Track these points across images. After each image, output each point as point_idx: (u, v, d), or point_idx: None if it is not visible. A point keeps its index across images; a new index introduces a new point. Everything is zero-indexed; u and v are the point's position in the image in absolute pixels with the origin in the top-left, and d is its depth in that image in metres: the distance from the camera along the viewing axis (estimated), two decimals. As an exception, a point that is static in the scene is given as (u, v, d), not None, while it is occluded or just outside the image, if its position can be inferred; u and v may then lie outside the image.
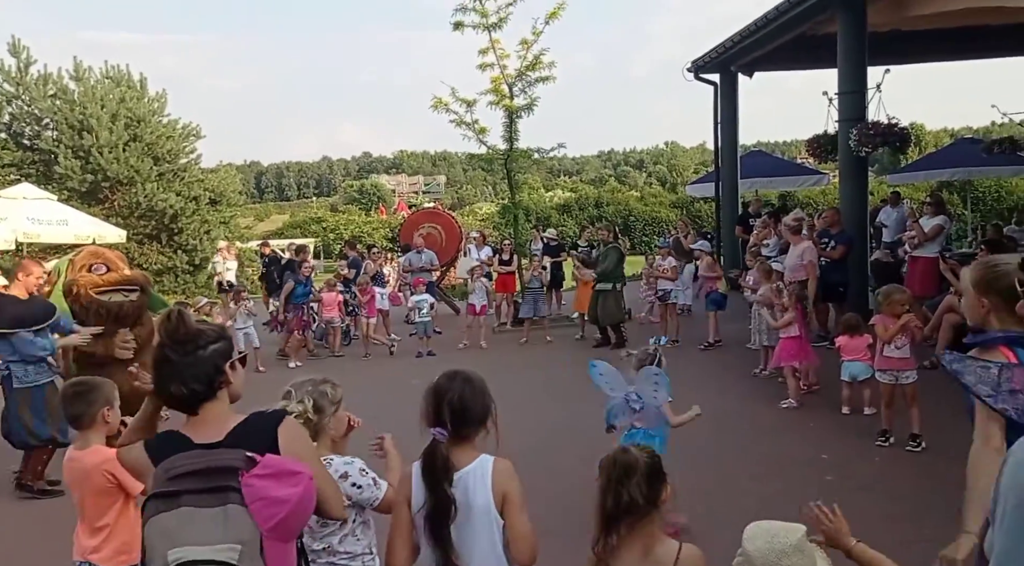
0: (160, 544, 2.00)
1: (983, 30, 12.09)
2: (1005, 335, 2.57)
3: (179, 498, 2.03)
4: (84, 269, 6.84)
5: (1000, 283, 2.61)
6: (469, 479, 2.51)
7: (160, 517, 2.02)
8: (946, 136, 57.82)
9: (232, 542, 1.99)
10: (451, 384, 2.58)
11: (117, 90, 22.66)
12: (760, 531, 2.27)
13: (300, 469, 2.14)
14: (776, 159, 23.08)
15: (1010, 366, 2.47)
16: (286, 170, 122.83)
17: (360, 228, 33.30)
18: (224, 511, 2.00)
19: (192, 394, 2.21)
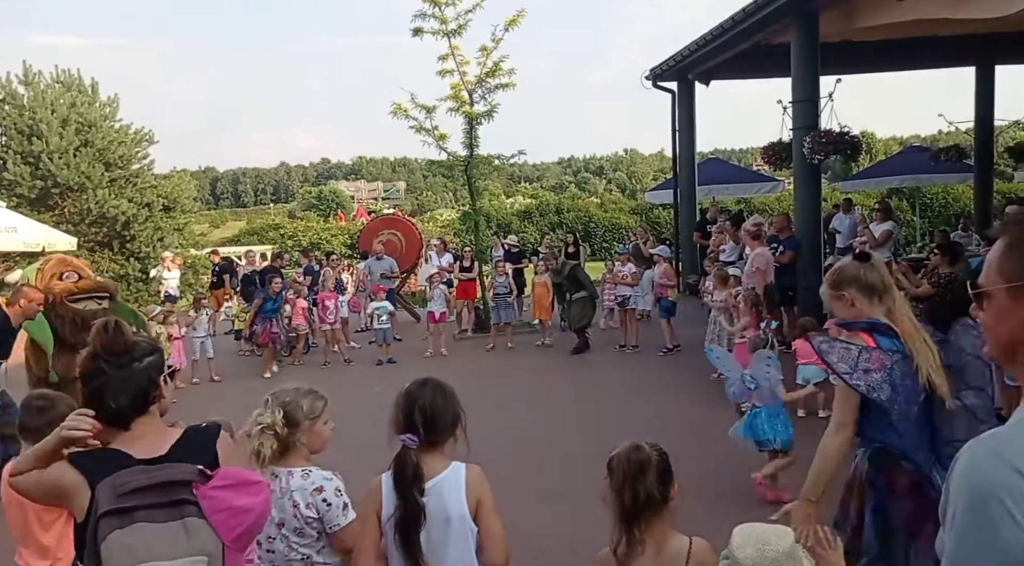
0: (123, 561, 1.95)
1: (930, 41, 12.44)
2: (868, 322, 2.90)
3: (133, 514, 1.98)
4: (55, 277, 6.68)
5: (846, 274, 2.98)
6: (443, 487, 2.51)
7: (117, 534, 1.97)
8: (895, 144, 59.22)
9: (197, 554, 1.97)
10: (422, 391, 2.57)
11: (68, 95, 22.19)
12: (749, 538, 2.25)
13: (258, 479, 2.15)
14: (733, 166, 23.46)
15: (868, 349, 2.79)
16: (242, 176, 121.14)
17: (319, 235, 32.92)
18: (183, 524, 1.98)
19: (128, 408, 2.15)
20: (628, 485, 2.43)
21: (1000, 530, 1.18)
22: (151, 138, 23.99)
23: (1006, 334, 1.35)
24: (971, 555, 1.21)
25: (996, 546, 1.18)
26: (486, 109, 13.63)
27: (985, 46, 13.63)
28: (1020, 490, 1.18)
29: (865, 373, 2.77)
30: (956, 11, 8.36)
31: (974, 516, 1.21)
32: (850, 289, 2.96)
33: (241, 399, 9.61)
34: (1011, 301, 1.32)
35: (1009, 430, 1.30)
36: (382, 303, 11.88)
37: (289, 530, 2.70)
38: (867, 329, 2.88)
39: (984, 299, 1.38)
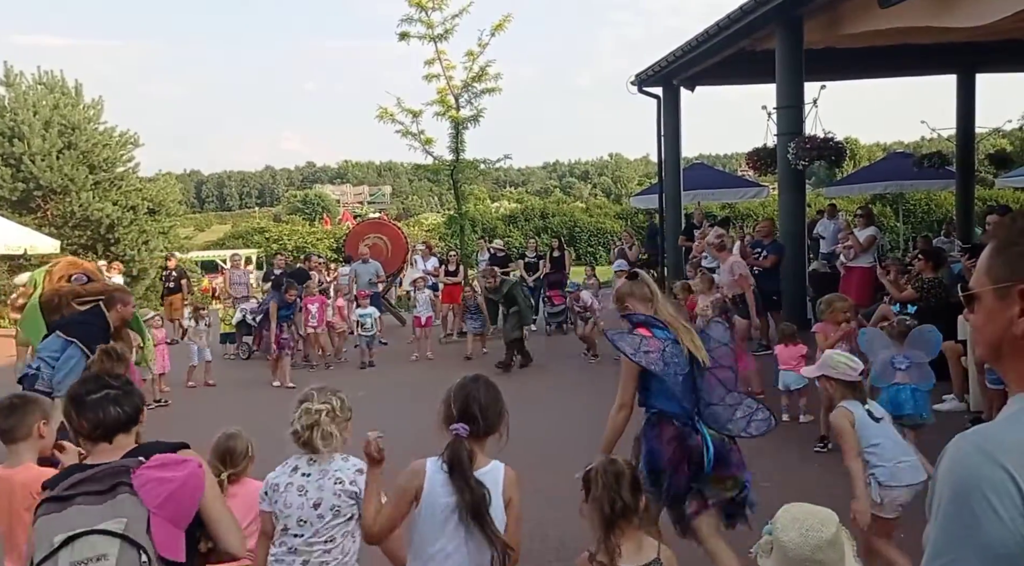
0: (46, 533, 2.11)
1: (913, 49, 12.56)
2: (644, 318, 3.92)
3: (72, 500, 2.15)
4: (63, 279, 6.64)
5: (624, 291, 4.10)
6: (485, 480, 2.66)
7: (50, 516, 2.15)
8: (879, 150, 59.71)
9: (116, 516, 2.12)
10: (475, 385, 2.78)
11: (51, 96, 22.01)
12: (793, 522, 2.32)
13: (188, 459, 2.33)
14: (718, 172, 23.55)
15: (647, 338, 3.79)
16: (228, 179, 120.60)
17: (304, 239, 32.84)
18: (113, 502, 2.15)
19: (117, 424, 2.37)
20: (607, 494, 2.69)
21: (983, 523, 1.19)
22: (136, 141, 23.85)
23: (994, 334, 1.38)
24: (954, 548, 1.22)
25: (978, 539, 1.20)
26: (472, 113, 13.66)
27: (966, 54, 13.77)
28: (1003, 484, 1.20)
29: (645, 353, 3.71)
30: (939, 19, 8.45)
31: (957, 509, 1.23)
32: (630, 300, 4.02)
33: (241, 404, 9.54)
34: (998, 302, 1.36)
35: (995, 426, 1.32)
36: (367, 310, 11.76)
37: (325, 509, 2.86)
38: (643, 324, 3.87)
39: (974, 302, 1.41)
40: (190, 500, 2.28)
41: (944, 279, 7.87)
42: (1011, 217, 1.57)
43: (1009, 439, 1.25)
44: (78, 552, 2.07)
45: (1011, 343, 1.35)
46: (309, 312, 11.78)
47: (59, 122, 21.50)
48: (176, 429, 4.78)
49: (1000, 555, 1.19)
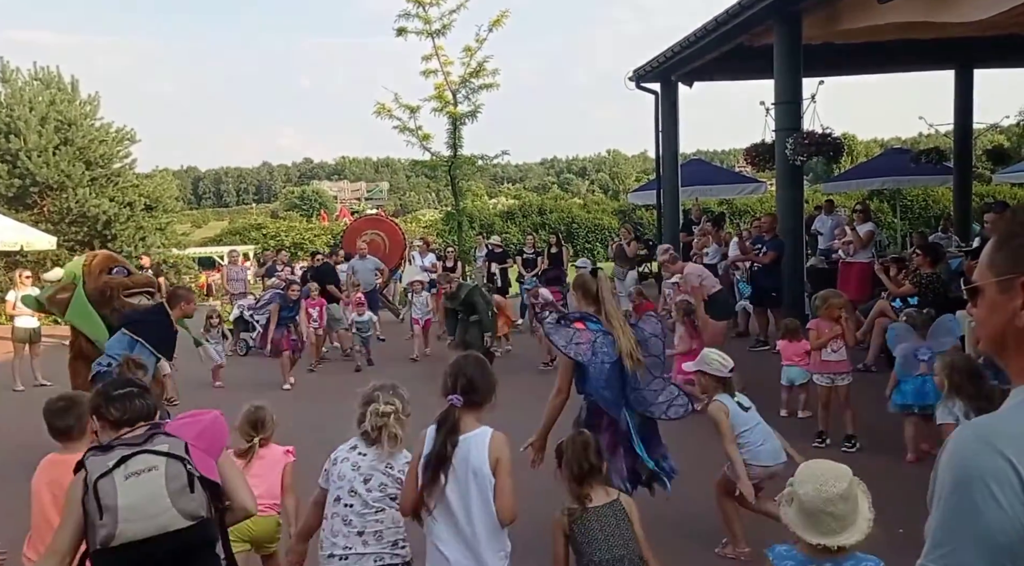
0: (94, 467, 2.41)
1: (911, 44, 12.55)
2: (580, 314, 4.41)
3: (114, 448, 2.48)
4: (104, 272, 6.70)
5: (581, 282, 4.54)
6: (472, 442, 3.02)
7: (97, 456, 2.46)
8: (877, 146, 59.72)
9: (162, 443, 2.49)
10: (466, 362, 3.18)
11: (47, 92, 21.92)
12: (810, 476, 2.58)
13: (209, 411, 2.77)
14: (716, 168, 23.59)
15: (580, 331, 4.23)
16: (225, 176, 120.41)
17: (301, 235, 32.77)
18: (151, 443, 2.49)
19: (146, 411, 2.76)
20: (576, 459, 3.43)
21: (983, 512, 1.20)
22: (133, 137, 23.76)
23: (997, 326, 1.39)
24: (954, 537, 1.23)
25: (979, 528, 1.20)
26: (470, 109, 13.63)
27: (964, 49, 13.77)
28: (1004, 473, 1.20)
29: (576, 345, 4.18)
30: (936, 15, 8.45)
31: (958, 498, 1.23)
32: (577, 292, 4.56)
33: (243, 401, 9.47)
34: (1001, 294, 1.37)
35: (996, 416, 1.33)
36: (363, 318, 11.59)
37: (374, 485, 3.26)
38: (580, 319, 4.36)
39: (977, 295, 1.42)
40: (219, 436, 2.71)
41: (942, 274, 7.89)
42: (1012, 211, 1.58)
43: (1010, 429, 1.26)
44: (131, 466, 2.41)
45: (1014, 335, 1.36)
46: (311, 316, 11.59)
47: (55, 118, 21.41)
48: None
49: (1001, 543, 1.19)
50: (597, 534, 3.32)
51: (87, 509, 2.37)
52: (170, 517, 2.37)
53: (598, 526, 3.33)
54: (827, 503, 2.48)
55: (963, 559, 1.21)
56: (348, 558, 3.19)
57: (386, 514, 3.24)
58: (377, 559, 3.20)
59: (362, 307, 11.80)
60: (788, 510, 2.58)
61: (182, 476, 2.42)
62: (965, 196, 16.81)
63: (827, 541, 2.48)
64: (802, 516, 2.51)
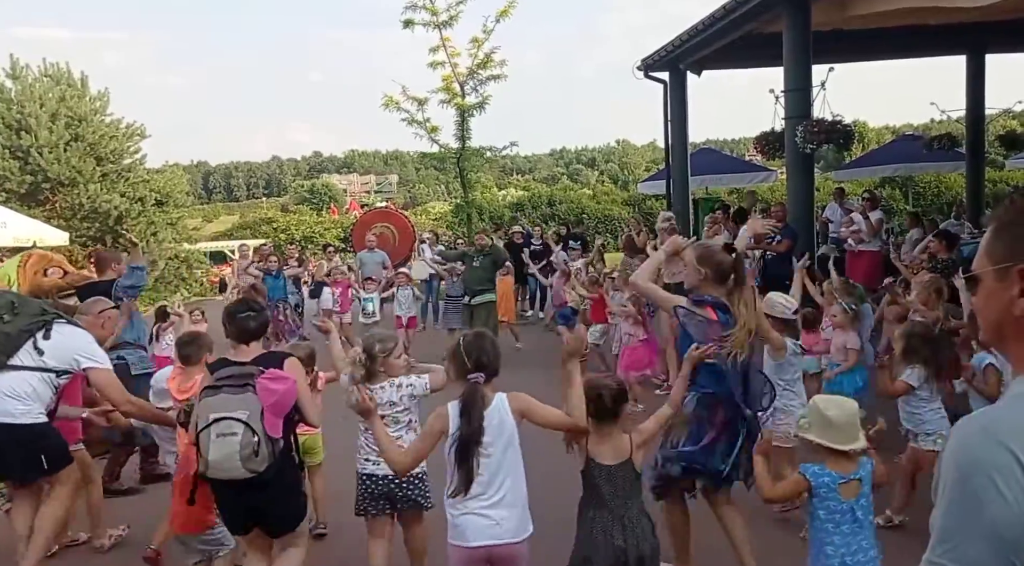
0: (204, 411, 3.63)
1: (922, 30, 12.44)
2: (713, 299, 3.88)
3: (220, 390, 3.66)
4: (39, 274, 6.68)
5: (713, 258, 3.97)
6: (497, 411, 3.22)
7: (207, 399, 3.66)
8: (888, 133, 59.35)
9: (243, 409, 3.57)
10: (483, 341, 3.32)
11: (57, 88, 22.00)
12: (831, 402, 3.33)
13: (288, 376, 3.73)
14: (725, 156, 23.45)
15: (710, 322, 3.83)
16: (235, 170, 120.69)
17: (312, 228, 32.86)
18: (244, 396, 3.60)
19: (252, 333, 3.88)
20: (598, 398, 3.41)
21: (987, 505, 1.19)
22: (143, 132, 23.83)
23: (994, 315, 1.38)
24: (959, 530, 1.22)
25: (983, 521, 1.19)
26: (478, 101, 13.60)
27: (976, 34, 13.64)
28: (1008, 466, 1.19)
29: (710, 341, 3.82)
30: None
31: (962, 491, 1.22)
32: (702, 268, 3.97)
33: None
34: (998, 283, 1.36)
35: (999, 408, 1.32)
36: (369, 295, 11.41)
37: (388, 419, 3.95)
38: (712, 305, 3.90)
39: (975, 284, 1.42)
40: (287, 403, 3.70)
41: (955, 260, 7.86)
42: (1011, 198, 1.57)
43: (1014, 421, 1.25)
44: (222, 426, 3.55)
45: (1012, 324, 1.35)
46: (334, 295, 11.52)
47: (66, 114, 21.50)
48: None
49: (1006, 537, 1.18)
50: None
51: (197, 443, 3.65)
52: (239, 472, 3.56)
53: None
54: (852, 416, 3.25)
55: (969, 554, 1.20)
56: (379, 463, 3.94)
57: (404, 440, 3.91)
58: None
59: (371, 285, 11.49)
60: (812, 433, 3.25)
61: (251, 444, 3.53)
62: (977, 182, 16.67)
63: (853, 446, 3.22)
64: (832, 431, 3.21)
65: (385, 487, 4.11)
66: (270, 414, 3.57)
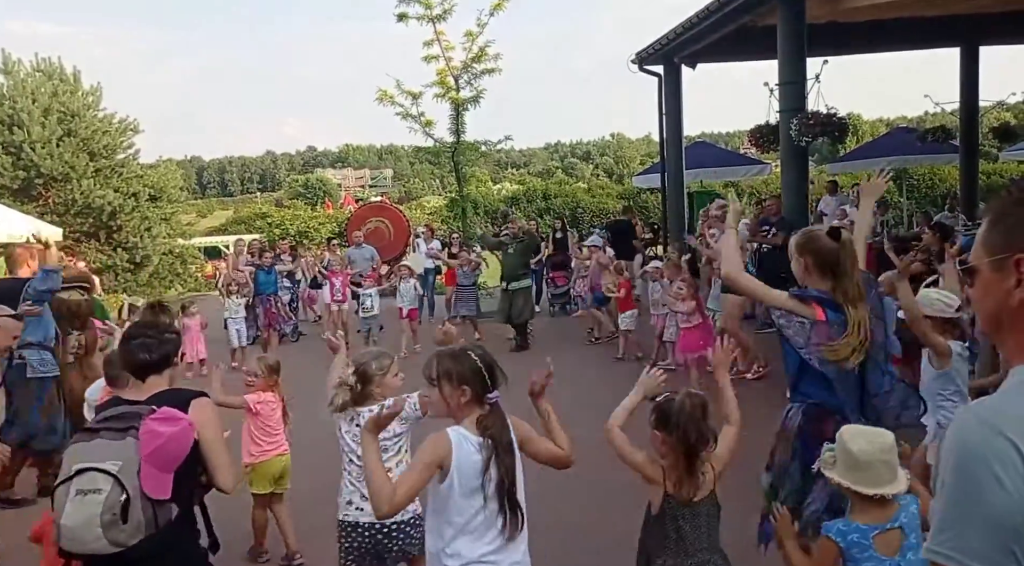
0: (71, 459, 2.77)
1: (916, 22, 12.44)
2: (819, 294, 3.21)
3: (97, 434, 2.80)
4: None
5: (814, 244, 3.31)
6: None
7: (76, 445, 2.82)
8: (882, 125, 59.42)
9: (115, 459, 2.69)
10: (486, 352, 2.75)
11: (49, 84, 21.90)
12: (859, 434, 2.67)
13: (182, 418, 2.81)
14: (720, 149, 23.46)
15: (817, 322, 3.16)
16: (228, 165, 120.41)
17: (306, 223, 32.80)
18: (122, 442, 2.73)
19: (149, 365, 2.96)
20: (692, 425, 2.82)
21: (987, 495, 1.19)
22: (136, 127, 23.75)
23: (992, 306, 1.39)
24: (959, 519, 1.22)
25: (984, 511, 1.20)
26: (472, 95, 13.60)
27: (970, 26, 13.64)
28: (1007, 454, 1.20)
29: (815, 347, 3.17)
30: (941, -9, 8.37)
31: (962, 481, 1.23)
32: (803, 259, 3.32)
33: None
34: (995, 273, 1.37)
35: (997, 398, 1.32)
36: (368, 290, 11.53)
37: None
38: (819, 301, 3.21)
39: (973, 275, 1.42)
40: (174, 453, 2.78)
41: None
42: (1006, 190, 1.57)
43: (1012, 410, 1.25)
44: (84, 481, 2.69)
45: (1009, 314, 1.36)
46: (333, 286, 11.71)
47: (58, 109, 21.41)
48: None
49: (1007, 525, 1.19)
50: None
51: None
52: (100, 546, 2.66)
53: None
54: (881, 452, 2.59)
55: (969, 542, 1.21)
56: (363, 510, 3.41)
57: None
58: None
59: (369, 281, 11.77)
60: (835, 471, 2.64)
61: (116, 507, 2.65)
62: (971, 175, 16.70)
63: (884, 490, 2.57)
64: (856, 471, 2.59)
65: (370, 539, 3.46)
66: (150, 466, 2.71)
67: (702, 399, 2.88)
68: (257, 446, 4.72)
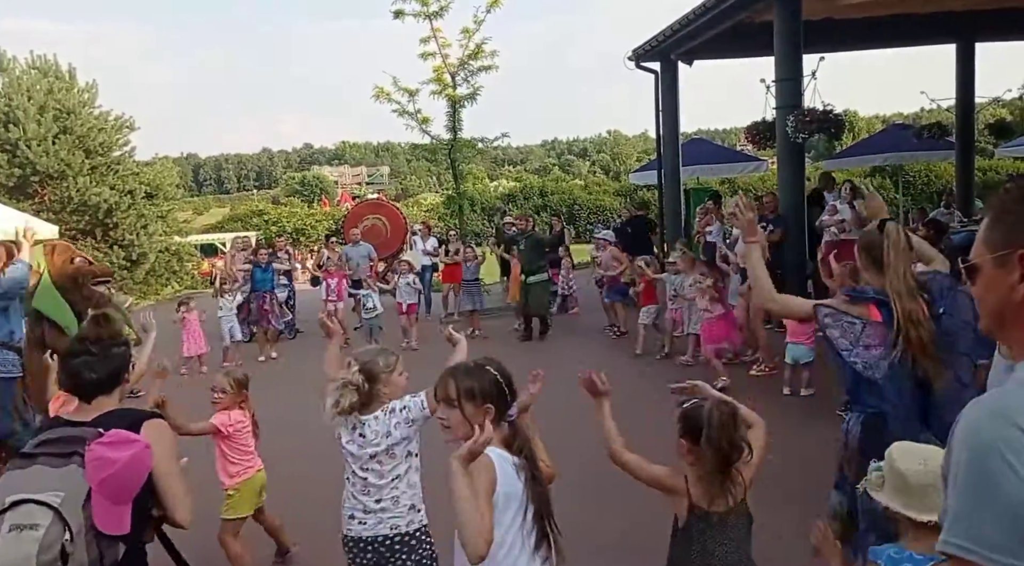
0: (4, 489, 2.39)
1: (912, 19, 12.46)
2: (875, 294, 2.96)
3: (36, 459, 2.44)
4: (67, 261, 6.75)
5: (863, 240, 3.14)
6: None
7: (12, 472, 2.46)
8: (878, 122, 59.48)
9: (58, 490, 2.34)
10: (502, 366, 2.53)
11: (44, 81, 21.84)
12: (910, 453, 2.37)
13: (137, 439, 2.48)
14: (717, 146, 23.43)
15: (872, 323, 2.89)
16: (225, 162, 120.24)
17: (303, 221, 32.78)
18: (65, 470, 2.39)
19: (96, 384, 2.62)
20: (724, 434, 2.56)
21: (1001, 484, 1.20)
22: (132, 125, 23.70)
23: (995, 303, 1.40)
24: (974, 510, 1.22)
25: (999, 500, 1.20)
26: (469, 92, 13.58)
27: (966, 23, 13.65)
28: (1021, 444, 1.20)
29: (865, 349, 2.87)
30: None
31: (975, 472, 1.23)
32: (861, 255, 3.09)
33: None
34: (997, 270, 1.38)
35: (1007, 391, 1.33)
36: (368, 291, 11.58)
37: (383, 455, 3.20)
38: (876, 301, 2.94)
39: (975, 273, 1.43)
40: (130, 481, 2.44)
41: (944, 248, 7.90)
42: (1006, 188, 1.59)
43: (1021, 403, 1.26)
44: (19, 514, 2.32)
45: (1013, 310, 1.36)
46: (328, 286, 11.80)
47: (54, 107, 21.36)
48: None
49: (1022, 514, 1.19)
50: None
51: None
52: None
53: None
54: (937, 478, 2.32)
55: (985, 531, 1.20)
56: (366, 523, 3.23)
57: (402, 480, 3.24)
58: (393, 527, 3.22)
59: (369, 280, 11.93)
60: (884, 494, 2.38)
61: (56, 546, 2.29)
62: (967, 171, 16.72)
63: (937, 517, 2.23)
64: (907, 495, 2.33)
65: (374, 555, 3.24)
66: (102, 498, 2.37)
67: (732, 407, 2.65)
68: (236, 466, 4.50)
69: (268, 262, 11.76)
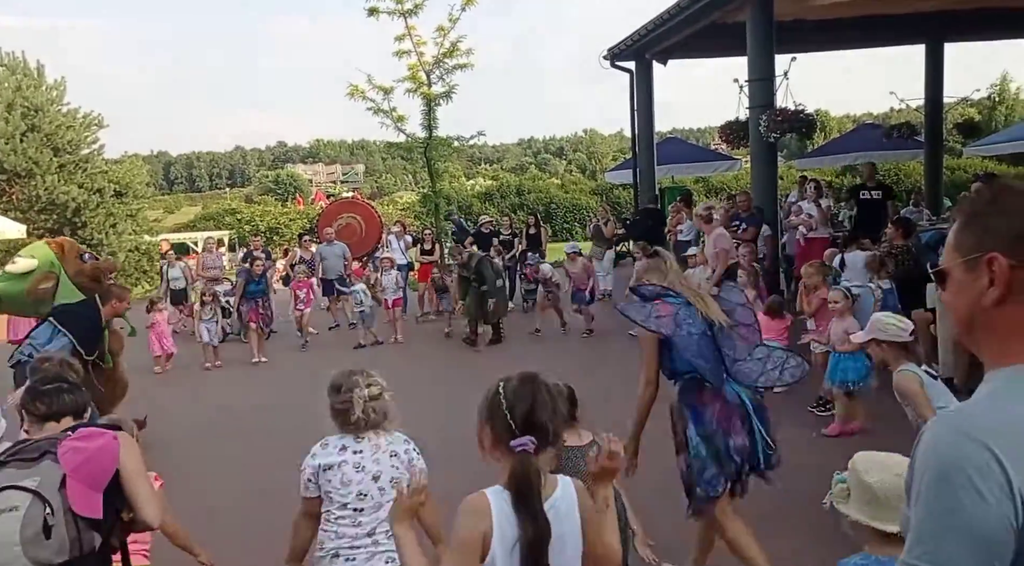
0: None
1: (882, 20, 12.62)
2: (655, 290, 3.81)
3: (6, 465, 2.51)
4: (78, 258, 6.79)
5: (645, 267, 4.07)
6: (560, 508, 2.07)
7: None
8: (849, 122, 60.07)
9: (35, 476, 2.44)
10: (539, 386, 2.10)
11: (12, 78, 21.52)
12: (874, 463, 2.34)
13: (105, 432, 2.66)
14: (691, 145, 23.61)
15: (657, 305, 3.71)
16: (196, 160, 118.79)
17: (277, 219, 32.50)
18: (37, 467, 2.48)
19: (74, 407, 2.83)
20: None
21: (967, 506, 1.15)
22: (100, 122, 23.40)
23: (965, 308, 1.35)
24: (938, 532, 1.18)
25: (963, 522, 1.15)
26: (444, 90, 13.53)
27: (935, 24, 13.86)
28: (987, 465, 1.15)
29: (656, 319, 3.66)
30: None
31: (939, 491, 1.18)
32: (648, 276, 3.96)
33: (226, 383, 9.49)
34: (967, 274, 1.33)
35: (973, 405, 1.29)
36: (356, 286, 11.68)
37: (384, 482, 2.89)
38: (657, 296, 3.78)
39: (945, 279, 1.39)
40: (103, 466, 2.57)
41: (912, 247, 8.00)
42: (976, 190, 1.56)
43: (989, 418, 1.21)
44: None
45: (982, 316, 1.31)
46: (298, 297, 11.85)
47: (22, 104, 21.04)
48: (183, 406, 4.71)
49: (986, 538, 1.14)
50: None
51: None
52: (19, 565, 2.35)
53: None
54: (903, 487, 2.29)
55: (948, 554, 1.16)
56: (356, 559, 2.87)
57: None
58: (389, 560, 2.86)
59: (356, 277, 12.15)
60: (850, 505, 2.33)
61: (38, 521, 2.36)
62: (936, 170, 16.99)
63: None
64: (874, 507, 2.28)
65: None
66: (77, 482, 2.46)
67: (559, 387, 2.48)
68: None
69: (262, 274, 11.72)
